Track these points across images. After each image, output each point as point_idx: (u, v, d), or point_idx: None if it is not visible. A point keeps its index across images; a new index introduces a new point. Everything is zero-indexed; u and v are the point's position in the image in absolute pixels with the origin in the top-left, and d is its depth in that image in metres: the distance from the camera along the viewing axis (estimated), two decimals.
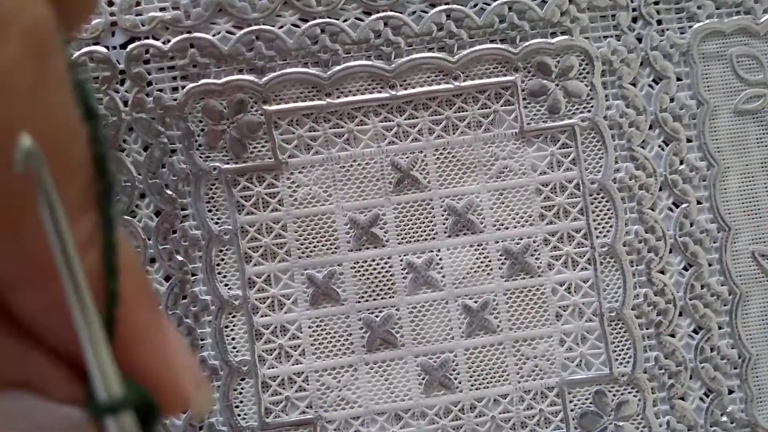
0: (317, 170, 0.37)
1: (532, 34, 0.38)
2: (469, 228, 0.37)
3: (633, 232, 0.38)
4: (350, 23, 0.37)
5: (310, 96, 0.37)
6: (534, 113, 0.38)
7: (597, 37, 0.38)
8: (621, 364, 0.38)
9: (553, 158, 0.38)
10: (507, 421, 0.37)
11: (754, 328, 0.39)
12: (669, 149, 0.38)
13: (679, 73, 0.38)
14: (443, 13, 0.37)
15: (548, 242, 0.38)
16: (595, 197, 0.38)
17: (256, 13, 0.36)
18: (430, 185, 0.37)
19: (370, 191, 0.37)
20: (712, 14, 0.39)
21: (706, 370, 0.38)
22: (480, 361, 0.37)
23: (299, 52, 0.36)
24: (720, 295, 0.38)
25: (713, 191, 0.38)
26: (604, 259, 0.38)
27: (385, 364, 0.37)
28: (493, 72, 0.38)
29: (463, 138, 0.37)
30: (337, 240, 0.37)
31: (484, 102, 0.37)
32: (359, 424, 0.37)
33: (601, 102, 0.38)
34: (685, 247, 0.38)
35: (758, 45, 0.39)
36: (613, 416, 0.38)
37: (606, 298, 0.38)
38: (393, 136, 0.37)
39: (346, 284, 0.37)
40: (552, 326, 0.38)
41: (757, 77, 0.39)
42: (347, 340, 0.37)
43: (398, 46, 0.37)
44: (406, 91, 0.37)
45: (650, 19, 0.38)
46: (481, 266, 0.37)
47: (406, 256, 0.37)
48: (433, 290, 0.37)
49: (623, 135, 0.38)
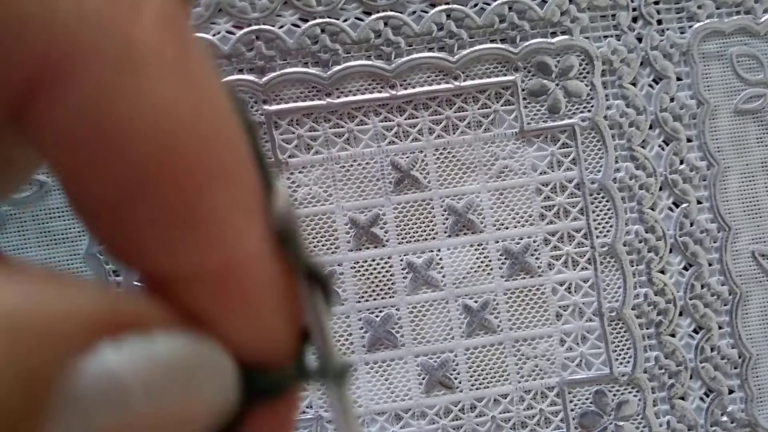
0: (317, 170, 0.37)
1: (532, 33, 0.38)
2: (469, 228, 0.37)
3: (633, 231, 0.38)
4: (350, 23, 0.37)
5: (310, 96, 0.37)
6: (534, 113, 0.38)
7: (597, 37, 0.38)
8: (621, 364, 0.38)
9: (553, 158, 0.38)
10: (507, 421, 0.37)
11: (754, 328, 0.39)
12: (669, 149, 0.38)
13: (679, 72, 0.38)
14: (443, 13, 0.37)
15: (548, 242, 0.38)
16: (595, 197, 0.38)
17: (256, 13, 0.36)
18: (430, 185, 0.37)
19: (370, 191, 0.37)
20: (712, 14, 0.39)
21: (706, 370, 0.38)
22: (480, 360, 0.37)
23: (299, 52, 0.36)
24: (720, 295, 0.38)
25: (713, 191, 0.38)
26: (604, 258, 0.38)
27: (385, 364, 0.37)
28: (493, 72, 0.38)
29: (463, 138, 0.37)
30: (337, 240, 0.37)
31: (484, 102, 0.37)
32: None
33: (601, 102, 0.38)
34: (686, 247, 0.38)
35: (758, 45, 0.39)
36: (613, 416, 0.38)
37: (606, 298, 0.38)
38: (393, 135, 0.37)
39: (346, 284, 0.37)
40: (552, 326, 0.38)
41: (757, 77, 0.39)
42: (347, 340, 0.37)
43: (398, 45, 0.37)
44: (406, 91, 0.37)
45: (650, 18, 0.38)
46: (481, 266, 0.37)
47: (406, 256, 0.37)
48: (433, 290, 0.37)
49: (623, 135, 0.38)
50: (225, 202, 0.11)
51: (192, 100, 0.11)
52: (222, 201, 0.11)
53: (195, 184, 0.11)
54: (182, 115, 0.11)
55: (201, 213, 0.11)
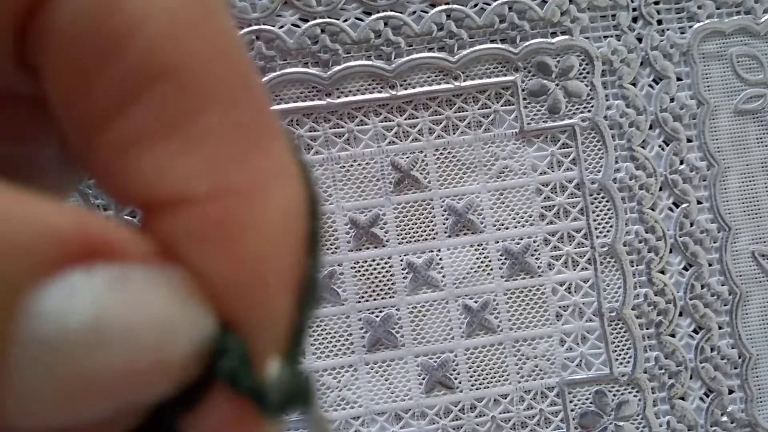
0: (317, 170, 0.37)
1: (532, 34, 0.38)
2: (469, 228, 0.37)
3: (633, 232, 0.38)
4: (350, 23, 0.37)
5: (310, 96, 0.37)
6: (534, 113, 0.38)
7: (597, 37, 0.38)
8: (621, 364, 0.38)
9: (554, 158, 0.38)
10: (507, 421, 0.37)
11: (754, 328, 0.39)
12: (669, 149, 0.38)
13: (679, 73, 0.38)
14: (443, 13, 0.37)
15: (548, 242, 0.38)
16: (596, 197, 0.38)
17: (256, 13, 0.36)
18: (430, 185, 0.37)
19: (370, 191, 0.37)
20: (713, 14, 0.39)
21: (706, 370, 0.38)
22: (480, 361, 0.37)
23: (299, 52, 0.36)
24: (720, 295, 0.38)
25: (713, 191, 0.38)
26: (604, 259, 0.38)
27: (385, 364, 0.37)
28: (494, 72, 0.38)
29: (463, 138, 0.37)
30: (337, 240, 0.37)
31: (484, 102, 0.37)
32: (359, 424, 0.37)
33: (601, 102, 0.38)
34: (686, 247, 0.38)
35: (758, 45, 0.39)
36: (613, 416, 0.38)
37: (606, 298, 0.38)
38: (393, 136, 0.37)
39: (346, 284, 0.37)
40: (552, 326, 0.38)
41: (757, 77, 0.39)
42: (347, 340, 0.37)
43: (398, 46, 0.37)
44: (406, 91, 0.37)
45: (650, 19, 0.38)
46: (482, 266, 0.37)
47: (406, 256, 0.37)
48: (433, 290, 0.37)
49: (623, 135, 0.38)
50: (223, 123, 0.10)
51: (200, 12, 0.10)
52: (220, 121, 0.10)
53: (195, 93, 0.10)
54: (188, 24, 0.10)
55: (197, 129, 0.10)
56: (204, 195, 0.10)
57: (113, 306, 0.09)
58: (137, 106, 0.10)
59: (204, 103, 0.10)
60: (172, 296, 0.09)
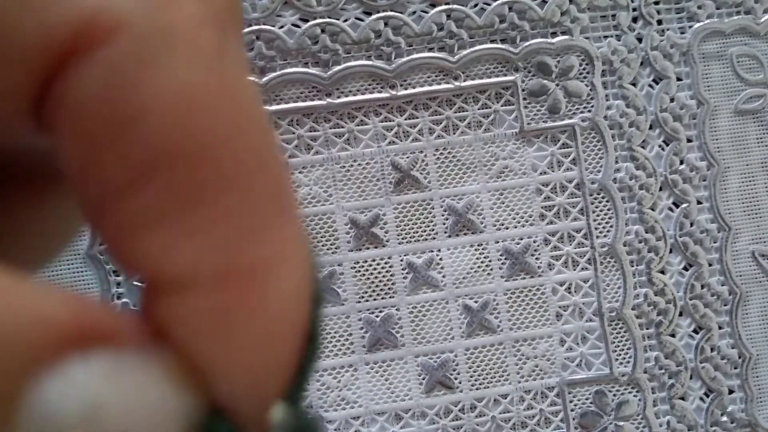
0: (317, 170, 0.37)
1: (532, 34, 0.38)
2: (469, 228, 0.37)
3: (633, 232, 0.38)
4: (350, 23, 0.37)
5: (311, 96, 0.37)
6: (534, 113, 0.38)
7: (597, 37, 0.38)
8: (621, 364, 0.38)
9: (554, 158, 0.38)
10: (507, 421, 0.37)
11: (754, 328, 0.39)
12: (669, 149, 0.38)
13: (679, 73, 0.38)
14: (443, 13, 0.37)
15: (548, 242, 0.38)
16: (596, 197, 0.38)
17: (256, 13, 0.36)
18: (430, 185, 0.37)
19: (370, 191, 0.37)
20: (713, 14, 0.39)
21: (706, 370, 0.38)
22: (480, 361, 0.37)
23: (299, 52, 0.36)
24: (720, 295, 0.38)
25: (713, 191, 0.38)
26: (604, 259, 0.38)
27: (385, 364, 0.37)
28: (494, 72, 0.38)
29: (464, 138, 0.37)
30: (337, 240, 0.37)
31: (484, 102, 0.37)
32: (359, 424, 0.37)
33: (602, 102, 0.38)
34: (686, 247, 0.38)
35: (758, 45, 0.39)
36: (613, 416, 0.38)
37: (606, 298, 0.38)
38: (393, 136, 0.37)
39: (346, 284, 0.37)
40: (552, 326, 0.38)
41: (757, 77, 0.39)
42: (347, 340, 0.37)
43: (398, 46, 0.37)
44: (407, 91, 0.37)
45: (650, 19, 0.38)
46: (482, 266, 0.37)
47: (406, 256, 0.37)
48: (433, 290, 0.37)
49: (623, 135, 0.38)
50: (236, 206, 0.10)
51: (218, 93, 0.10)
52: (233, 203, 0.10)
53: (209, 175, 0.10)
54: (206, 106, 0.10)
55: (209, 211, 0.10)
56: (208, 280, 0.10)
57: (109, 395, 0.09)
58: (150, 186, 0.10)
59: (218, 185, 0.10)
60: (166, 381, 0.10)
